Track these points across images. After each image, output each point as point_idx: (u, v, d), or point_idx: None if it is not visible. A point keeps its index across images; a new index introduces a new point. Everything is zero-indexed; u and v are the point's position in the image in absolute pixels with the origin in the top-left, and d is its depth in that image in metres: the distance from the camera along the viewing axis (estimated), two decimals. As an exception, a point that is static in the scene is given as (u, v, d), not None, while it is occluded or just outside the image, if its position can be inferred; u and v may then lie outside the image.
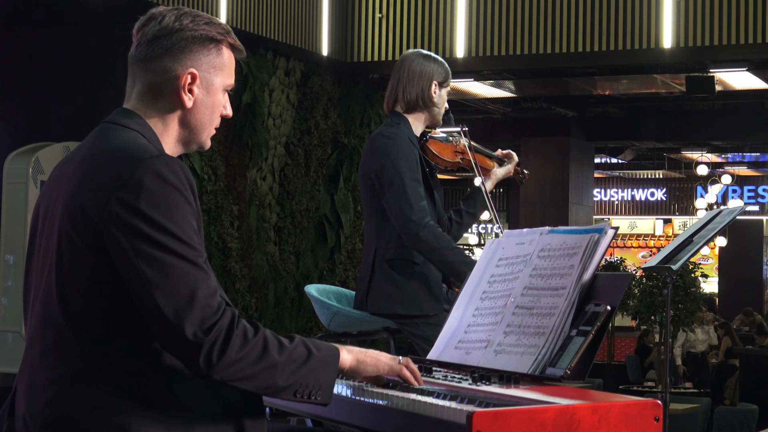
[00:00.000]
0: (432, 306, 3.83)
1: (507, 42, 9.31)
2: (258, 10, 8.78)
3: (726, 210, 5.33)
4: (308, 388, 2.09)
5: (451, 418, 2.07)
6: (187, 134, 2.25)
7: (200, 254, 2.04)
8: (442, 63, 4.01)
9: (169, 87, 2.20)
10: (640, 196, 23.26)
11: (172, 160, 2.06)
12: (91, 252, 2.03)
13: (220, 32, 2.24)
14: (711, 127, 15.31)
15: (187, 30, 2.21)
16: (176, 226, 2.01)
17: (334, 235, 10.18)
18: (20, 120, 8.52)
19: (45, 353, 2.07)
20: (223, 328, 2.00)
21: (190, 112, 2.22)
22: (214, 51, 2.24)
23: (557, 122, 14.36)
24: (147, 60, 2.21)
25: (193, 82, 2.21)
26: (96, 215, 2.02)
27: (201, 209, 2.12)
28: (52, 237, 2.11)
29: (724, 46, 8.78)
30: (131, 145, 2.12)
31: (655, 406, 2.17)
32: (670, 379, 5.36)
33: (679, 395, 9.64)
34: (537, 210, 14.66)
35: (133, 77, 2.25)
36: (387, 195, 3.81)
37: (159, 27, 2.22)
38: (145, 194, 2.00)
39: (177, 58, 2.20)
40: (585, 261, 2.49)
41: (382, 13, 9.72)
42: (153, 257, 1.98)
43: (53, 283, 2.07)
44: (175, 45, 2.20)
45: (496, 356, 2.53)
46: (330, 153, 10.21)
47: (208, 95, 2.24)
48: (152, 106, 2.22)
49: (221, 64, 2.25)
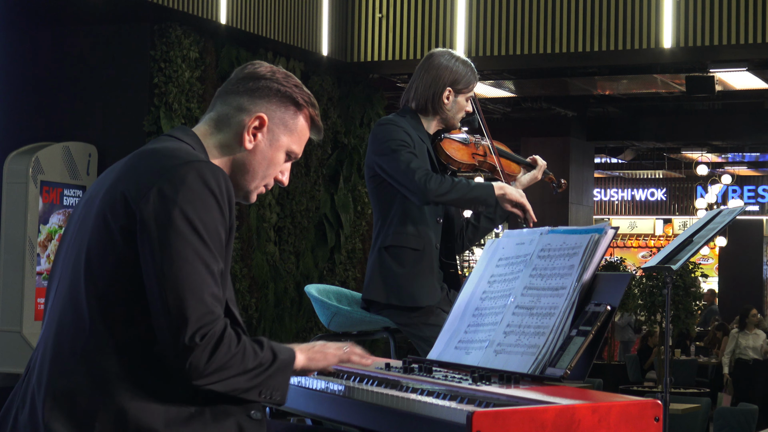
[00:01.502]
0: (427, 297, 3.77)
1: (507, 42, 9.31)
2: (258, 10, 8.78)
3: (726, 210, 5.33)
4: (270, 389, 2.15)
5: (451, 418, 2.07)
6: (236, 178, 2.28)
7: (218, 263, 2.07)
8: (468, 67, 3.90)
9: (236, 122, 2.26)
10: (640, 196, 23.26)
11: (218, 169, 2.11)
12: (122, 234, 2.07)
13: (305, 99, 2.31)
14: (711, 127, 15.31)
15: (275, 82, 2.29)
16: (205, 229, 2.05)
17: (334, 235, 10.18)
18: (20, 120, 8.52)
19: (62, 329, 2.11)
20: (214, 337, 2.04)
21: (247, 155, 2.27)
22: (291, 112, 2.30)
23: (557, 122, 14.36)
24: (228, 94, 2.29)
25: (260, 127, 2.26)
26: (134, 200, 2.07)
27: (235, 225, 2.15)
28: (88, 219, 2.15)
29: (724, 46, 8.78)
30: (182, 150, 2.18)
31: (655, 406, 2.17)
32: (670, 379, 5.35)
33: (679, 395, 9.64)
34: (537, 210, 14.55)
35: (212, 107, 2.32)
36: (387, 170, 3.77)
37: (253, 70, 2.30)
38: (185, 190, 2.05)
39: (254, 100, 2.27)
40: (585, 261, 2.49)
41: (382, 13, 9.72)
42: (175, 249, 2.02)
43: (82, 261, 2.12)
44: (258, 89, 2.27)
45: (496, 356, 2.53)
46: (330, 153, 10.21)
47: (270, 148, 2.28)
48: (214, 135, 2.27)
49: (294, 126, 2.30)
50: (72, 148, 8.09)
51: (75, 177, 8.08)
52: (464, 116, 3.97)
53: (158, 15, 8.04)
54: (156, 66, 8.15)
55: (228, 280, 2.18)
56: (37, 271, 7.81)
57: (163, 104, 8.14)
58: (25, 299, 7.71)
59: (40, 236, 7.82)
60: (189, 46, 8.37)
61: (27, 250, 7.73)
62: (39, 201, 7.80)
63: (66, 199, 8.02)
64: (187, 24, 8.27)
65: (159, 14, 8.01)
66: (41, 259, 7.83)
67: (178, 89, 8.23)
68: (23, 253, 7.72)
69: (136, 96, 8.21)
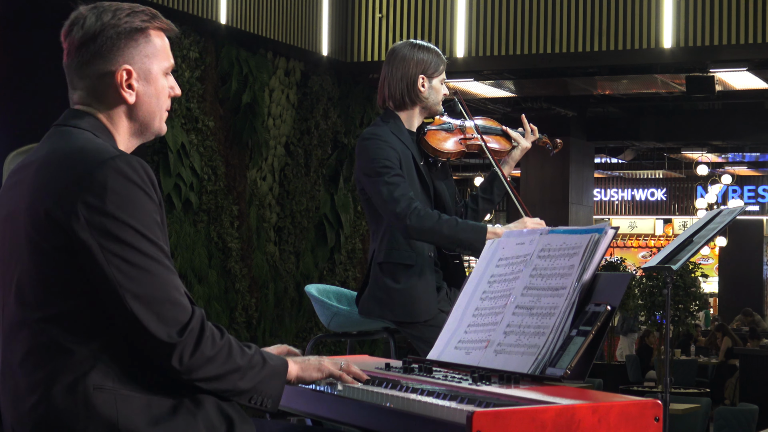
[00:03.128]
0: (423, 312, 3.75)
1: (507, 42, 9.31)
2: (258, 10, 8.77)
3: (726, 210, 5.33)
4: (262, 394, 2.13)
5: (451, 418, 2.06)
6: (139, 126, 2.24)
7: (165, 253, 2.04)
8: (432, 52, 3.88)
9: (107, 88, 2.20)
10: (640, 196, 23.26)
11: (131, 158, 2.06)
12: (60, 255, 2.01)
13: (143, 20, 2.23)
14: (711, 127, 15.31)
15: (110, 27, 2.19)
16: (144, 226, 2.01)
17: (334, 235, 10.18)
18: (20, 120, 8.52)
19: (24, 359, 2.05)
20: (195, 330, 2.02)
21: (136, 106, 2.21)
22: (143, 41, 2.22)
23: (557, 122, 14.35)
24: (80, 67, 2.22)
25: (130, 77, 2.19)
26: (62, 219, 2.00)
27: (162, 200, 2.11)
28: (17, 245, 2.08)
29: (724, 46, 8.78)
30: (89, 145, 2.10)
31: (655, 406, 2.17)
32: (670, 379, 5.36)
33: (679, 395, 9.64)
34: (537, 210, 14.61)
35: (72, 85, 2.26)
36: (372, 197, 3.75)
37: (83, 32, 2.21)
38: (110, 195, 2.00)
39: (107, 58, 2.19)
40: (585, 261, 2.49)
41: (382, 13, 9.72)
42: (124, 259, 1.98)
43: (26, 289, 2.06)
44: (102, 46, 2.19)
45: (496, 356, 2.53)
46: (330, 153, 10.21)
47: (149, 84, 2.22)
48: (96, 109, 2.21)
49: (154, 51, 2.24)
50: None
51: (75, 177, 8.07)
52: (444, 99, 3.94)
53: (158, 15, 8.03)
54: (156, 66, 8.14)
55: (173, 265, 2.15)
56: (37, 271, 7.80)
57: (163, 104, 8.13)
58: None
59: (40, 236, 7.81)
60: (189, 46, 8.37)
61: (27, 250, 7.72)
62: (39, 201, 7.79)
63: (66, 199, 8.01)
64: (187, 24, 8.27)
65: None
66: (41, 259, 7.82)
67: (178, 89, 8.22)
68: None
69: (136, 96, 8.20)
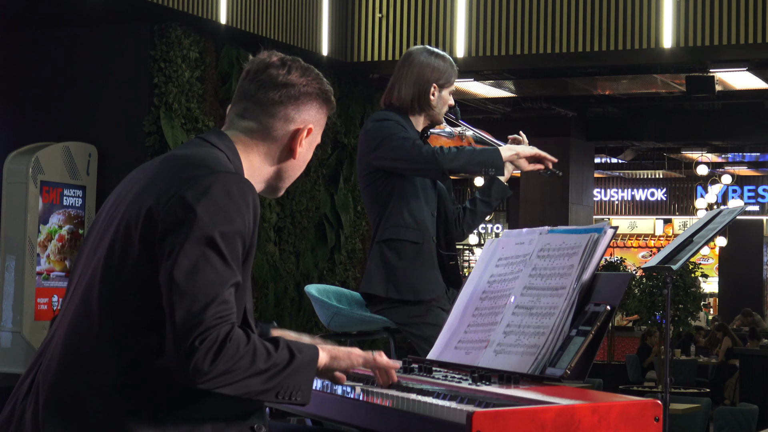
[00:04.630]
0: (428, 290, 3.76)
1: (507, 42, 9.31)
2: (258, 10, 8.77)
3: (726, 210, 5.33)
4: (289, 389, 2.11)
5: (451, 418, 2.06)
6: (277, 182, 2.32)
7: (234, 275, 2.04)
8: (447, 61, 3.92)
9: (284, 134, 2.28)
10: (640, 196, 23.26)
11: (246, 182, 2.10)
12: (142, 244, 2.05)
13: (331, 92, 2.35)
14: (711, 127, 15.31)
15: (312, 86, 2.32)
16: (223, 240, 2.03)
17: (334, 235, 10.18)
18: (20, 120, 8.52)
19: (71, 330, 2.10)
20: (217, 340, 2.00)
21: (291, 163, 2.30)
22: (324, 111, 2.34)
23: (557, 122, 14.36)
24: (271, 104, 2.28)
25: (306, 136, 2.30)
26: (157, 210, 2.05)
27: (256, 239, 2.14)
28: (112, 225, 2.14)
29: (724, 46, 8.78)
30: (212, 158, 2.15)
31: (655, 406, 2.17)
32: (670, 379, 5.35)
33: (679, 395, 9.64)
34: (537, 210, 14.66)
35: (245, 113, 2.29)
36: (390, 157, 3.75)
37: (288, 76, 2.31)
38: (207, 200, 2.03)
39: (300, 110, 2.29)
40: (584, 261, 2.49)
41: (382, 13, 9.72)
42: (187, 258, 2.00)
43: (100, 266, 2.10)
44: (300, 97, 2.29)
45: (496, 356, 2.53)
46: (330, 153, 10.21)
47: (309, 150, 2.34)
48: (259, 146, 2.27)
49: (323, 124, 2.36)
50: (72, 148, 8.08)
51: (75, 177, 8.08)
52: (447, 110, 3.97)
53: (158, 15, 8.04)
54: (156, 66, 8.15)
55: (248, 293, 2.16)
56: (37, 271, 7.81)
57: (163, 104, 8.14)
58: (25, 299, 7.70)
59: (40, 236, 7.82)
60: (189, 46, 8.37)
61: (27, 250, 7.72)
62: (39, 201, 7.80)
63: (66, 199, 8.02)
64: (187, 24, 8.27)
65: (159, 14, 8.01)
66: (41, 259, 7.83)
67: (178, 89, 8.23)
68: (23, 253, 7.72)
69: (136, 96, 8.21)
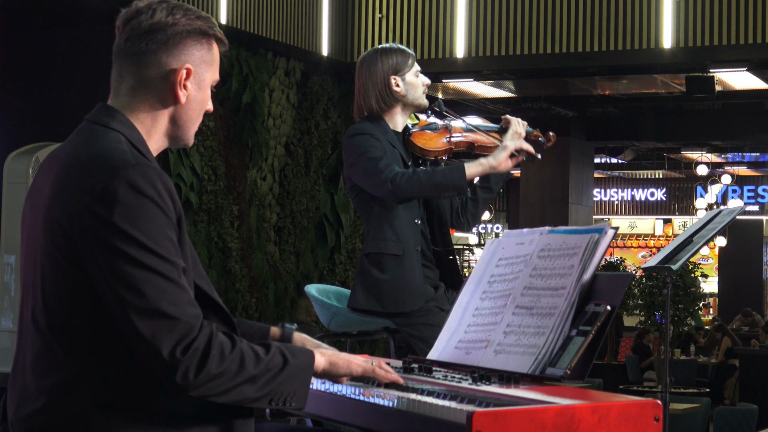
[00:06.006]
0: (409, 302, 3.74)
1: (507, 42, 9.31)
2: (258, 10, 8.77)
3: (726, 210, 5.33)
4: (283, 395, 2.08)
5: (451, 418, 2.06)
6: (176, 130, 2.21)
7: (176, 268, 1.99)
8: (396, 51, 3.84)
9: (163, 82, 2.16)
10: (640, 196, 23.26)
11: (148, 169, 2.02)
12: (72, 266, 2.00)
13: (210, 26, 2.21)
14: (711, 127, 15.31)
15: (181, 24, 2.16)
16: (151, 240, 1.96)
17: (334, 235, 10.18)
18: (20, 120, 8.52)
19: (36, 361, 2.05)
20: (200, 349, 1.96)
21: (182, 108, 2.19)
22: (206, 46, 2.20)
23: (557, 122, 14.35)
24: (140, 54, 2.15)
25: (188, 77, 2.17)
26: (72, 230, 1.99)
27: (183, 213, 2.07)
28: (34, 248, 2.10)
29: (724, 46, 8.78)
30: (109, 152, 2.06)
31: (655, 406, 2.17)
32: (670, 379, 5.36)
33: (679, 395, 9.64)
34: (537, 210, 14.66)
35: (121, 72, 2.19)
36: (356, 176, 3.76)
37: (152, 21, 2.15)
38: (119, 208, 1.96)
39: (173, 52, 2.16)
40: (585, 261, 2.49)
41: (382, 13, 9.72)
42: (128, 274, 1.94)
43: (38, 295, 2.06)
44: (170, 39, 2.15)
45: (496, 356, 2.53)
46: (330, 153, 10.21)
47: (199, 91, 2.21)
48: (143, 102, 2.17)
49: (211, 59, 2.22)
50: (72, 148, 8.08)
51: (75, 177, 8.08)
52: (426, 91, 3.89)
53: (158, 15, 8.03)
54: (156, 66, 8.14)
55: (199, 269, 2.11)
56: (37, 271, 7.80)
57: (163, 104, 8.14)
58: (25, 299, 7.70)
59: (40, 236, 7.82)
60: (189, 46, 8.36)
61: (27, 250, 7.72)
62: (39, 201, 7.80)
63: (66, 199, 8.02)
64: (187, 24, 8.26)
65: (159, 14, 8.01)
66: (41, 259, 7.83)
67: (178, 89, 8.22)
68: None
69: (136, 96, 8.20)
